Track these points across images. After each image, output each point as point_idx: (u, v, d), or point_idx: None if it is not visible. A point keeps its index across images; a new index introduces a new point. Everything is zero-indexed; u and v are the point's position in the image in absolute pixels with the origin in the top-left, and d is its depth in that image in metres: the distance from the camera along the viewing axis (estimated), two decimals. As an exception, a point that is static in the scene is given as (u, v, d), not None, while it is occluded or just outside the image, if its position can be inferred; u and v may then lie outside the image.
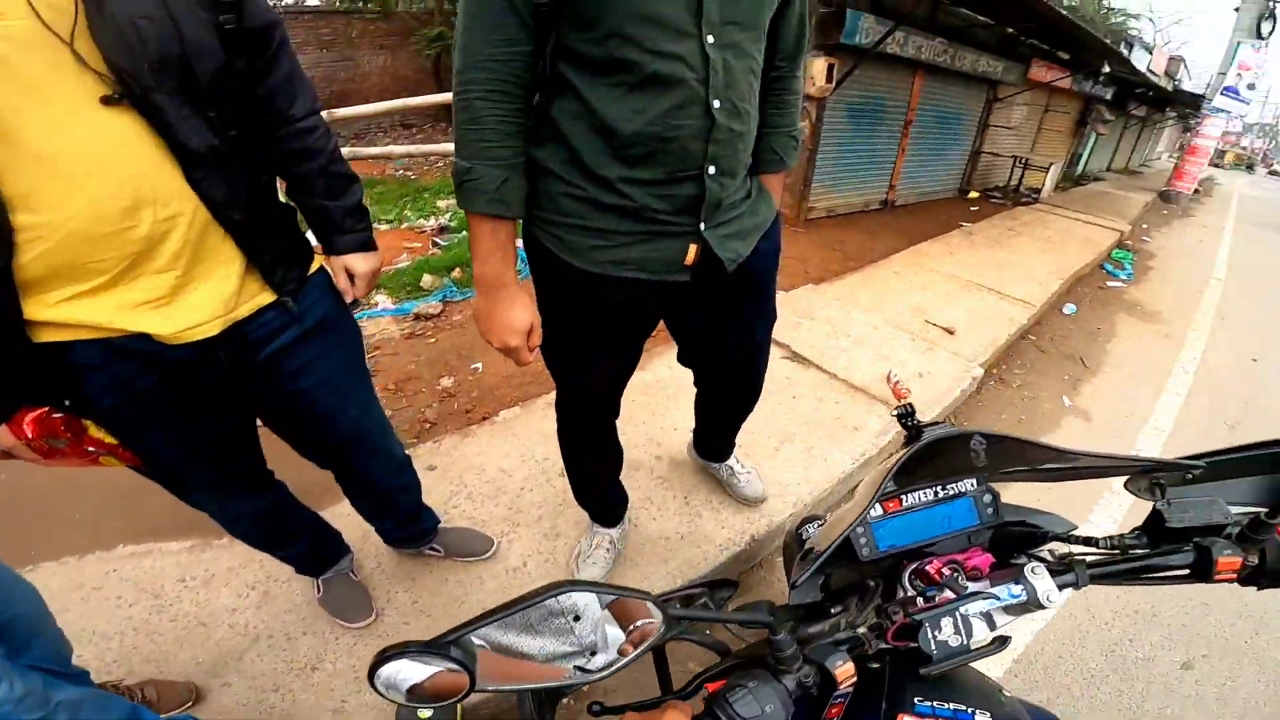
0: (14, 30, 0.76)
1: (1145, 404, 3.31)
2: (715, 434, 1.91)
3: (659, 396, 2.49)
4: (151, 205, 0.86)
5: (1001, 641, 0.55)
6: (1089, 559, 0.60)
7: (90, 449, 0.96)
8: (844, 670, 0.51)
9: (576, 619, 0.47)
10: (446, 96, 3.69)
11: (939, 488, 0.62)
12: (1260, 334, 4.73)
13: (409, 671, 0.41)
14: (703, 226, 1.11)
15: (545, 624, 0.47)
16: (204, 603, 1.60)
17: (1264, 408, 3.45)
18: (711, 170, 1.07)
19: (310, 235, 1.20)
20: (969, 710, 0.52)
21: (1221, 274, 6.82)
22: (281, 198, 1.09)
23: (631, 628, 0.50)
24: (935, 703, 0.53)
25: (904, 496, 0.61)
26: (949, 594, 0.56)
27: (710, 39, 0.99)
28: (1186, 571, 0.58)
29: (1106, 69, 8.71)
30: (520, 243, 1.18)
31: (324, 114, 1.16)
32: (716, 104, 1.02)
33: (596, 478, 1.65)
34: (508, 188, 1.02)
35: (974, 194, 8.72)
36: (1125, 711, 1.68)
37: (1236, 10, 12.32)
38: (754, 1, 1.04)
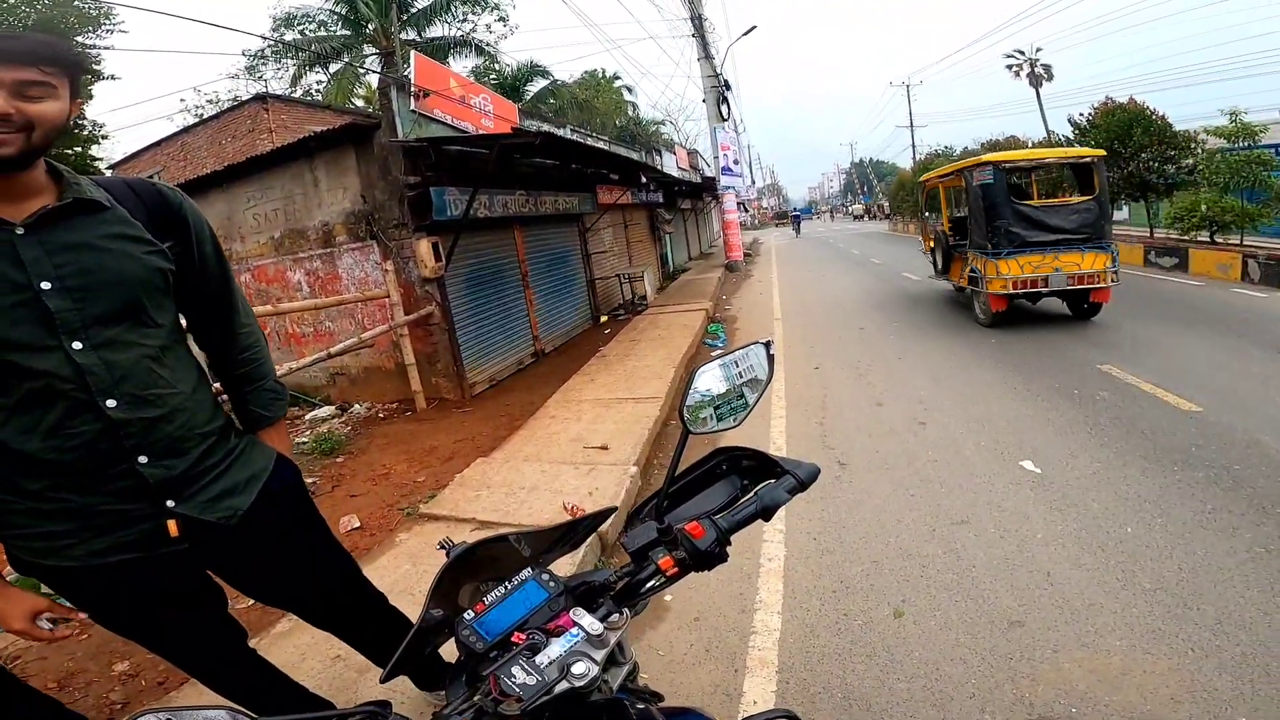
0: None
1: (764, 427, 4.38)
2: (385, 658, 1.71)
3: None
4: None
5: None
6: (614, 592, 0.77)
7: None
8: None
9: None
10: None
11: (507, 583, 0.76)
12: (810, 351, 6.67)
13: None
14: (172, 504, 1.09)
15: None
16: None
17: (835, 398, 4.93)
18: (144, 459, 1.06)
19: None
20: None
21: (779, 313, 9.32)
22: None
23: None
24: None
25: (484, 598, 0.74)
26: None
27: (77, 345, 0.98)
28: (664, 578, 0.78)
29: (644, 179, 10.94)
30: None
31: None
32: (111, 403, 1.01)
33: None
34: None
35: (604, 318, 9.85)
36: (883, 670, 1.98)
37: (704, 102, 16.34)
38: (117, 293, 1.02)
